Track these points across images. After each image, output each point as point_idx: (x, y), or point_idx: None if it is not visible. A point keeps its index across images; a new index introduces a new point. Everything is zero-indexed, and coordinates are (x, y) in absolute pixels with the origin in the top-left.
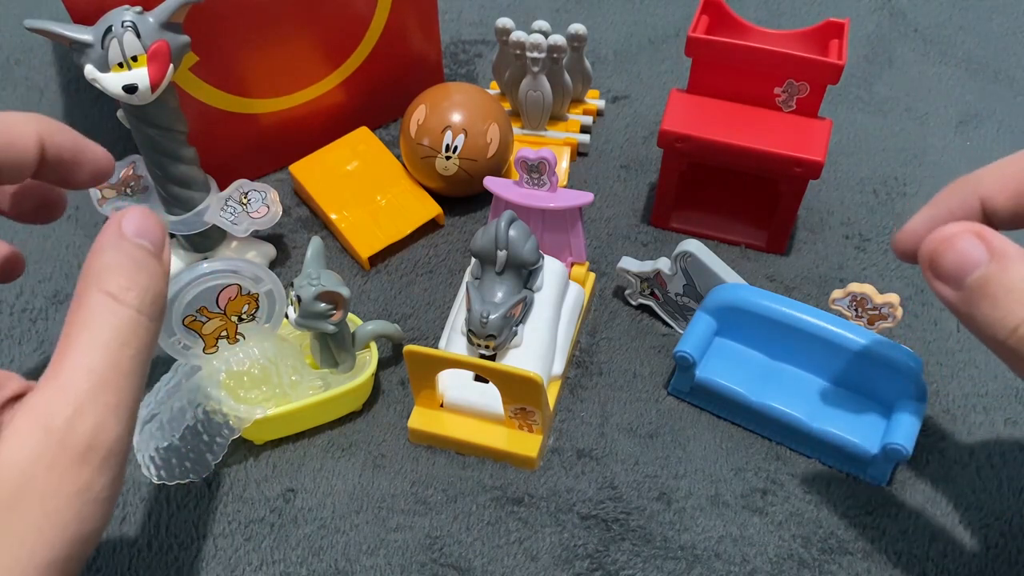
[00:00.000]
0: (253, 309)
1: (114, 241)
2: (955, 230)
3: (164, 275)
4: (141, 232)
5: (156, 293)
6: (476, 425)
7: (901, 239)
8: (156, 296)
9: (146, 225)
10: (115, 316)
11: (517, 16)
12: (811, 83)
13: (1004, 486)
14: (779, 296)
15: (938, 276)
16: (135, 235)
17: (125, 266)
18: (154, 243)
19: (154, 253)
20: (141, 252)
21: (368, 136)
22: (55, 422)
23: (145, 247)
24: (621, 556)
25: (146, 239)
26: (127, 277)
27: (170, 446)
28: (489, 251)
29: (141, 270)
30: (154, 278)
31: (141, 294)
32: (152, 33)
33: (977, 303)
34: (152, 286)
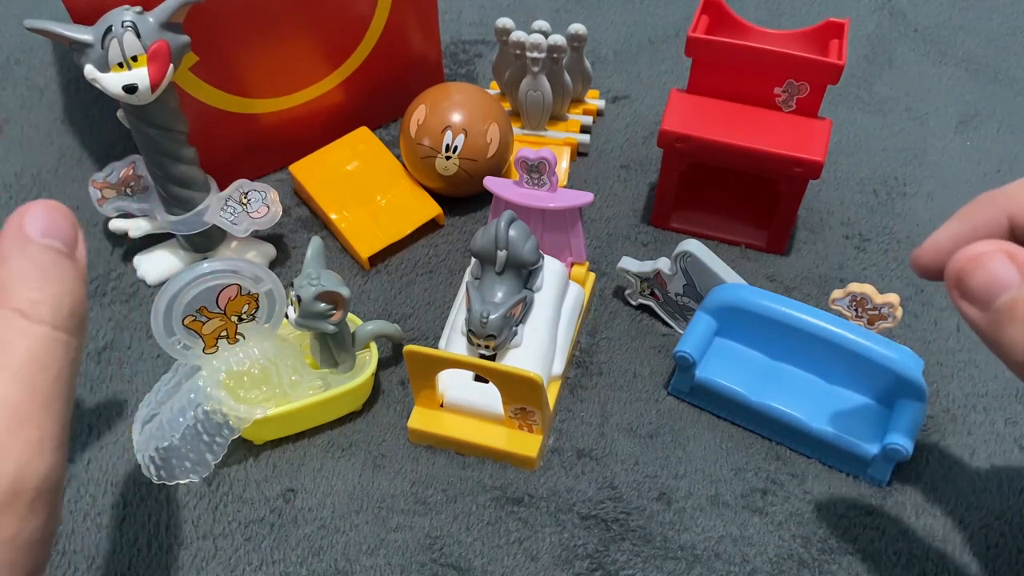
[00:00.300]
0: (253, 309)
1: (17, 246)
2: (985, 249)
3: (81, 278)
4: (48, 230)
5: (74, 302)
6: (476, 425)
7: (923, 255)
8: (74, 305)
9: (53, 220)
10: (27, 337)
11: (517, 16)
12: (811, 83)
13: (1004, 486)
14: (779, 296)
15: (965, 296)
16: (41, 235)
17: (32, 275)
18: (65, 241)
19: (66, 253)
20: (50, 255)
21: (368, 136)
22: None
23: (54, 248)
24: (621, 556)
25: (55, 238)
26: (36, 288)
27: (170, 446)
28: (489, 251)
29: (52, 277)
30: (68, 283)
31: (55, 306)
32: (152, 33)
33: (1005, 326)
34: (67, 294)
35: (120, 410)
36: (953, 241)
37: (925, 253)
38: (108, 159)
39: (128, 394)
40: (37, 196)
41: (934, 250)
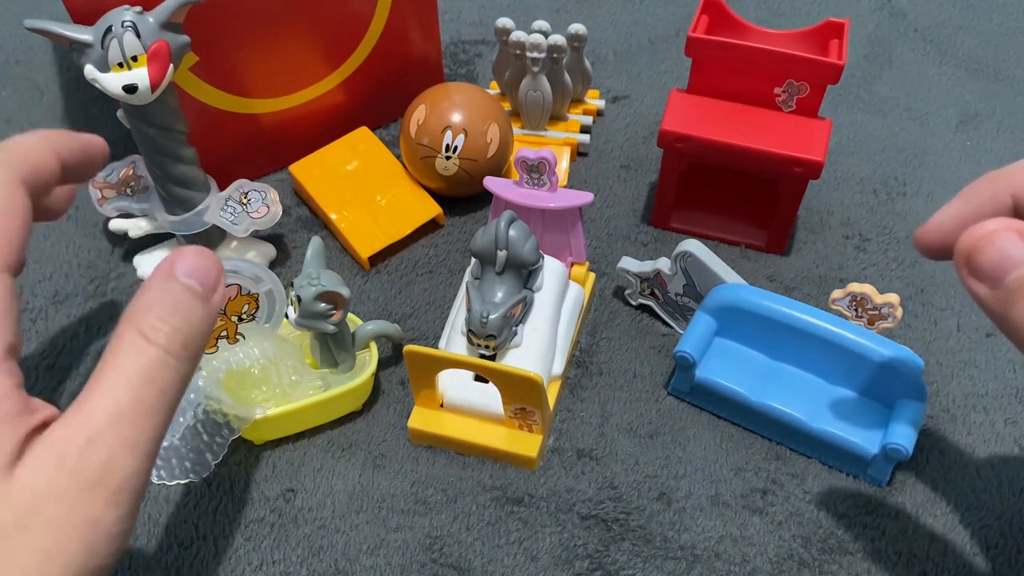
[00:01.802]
0: (253, 309)
1: (161, 281)
2: (995, 227)
3: (207, 317)
4: (192, 272)
5: (189, 335)
6: (476, 425)
7: (926, 234)
8: (189, 338)
9: (198, 265)
10: (141, 354)
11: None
12: (811, 83)
13: (1004, 486)
14: (779, 296)
15: (974, 273)
16: (185, 275)
17: (162, 306)
18: (204, 284)
19: (201, 295)
20: (185, 293)
21: (368, 136)
22: (69, 451)
23: (191, 288)
24: (621, 556)
25: (196, 279)
26: (160, 317)
27: (170, 446)
28: (489, 251)
29: (177, 311)
30: (191, 320)
31: (171, 334)
32: (152, 33)
33: (1014, 304)
34: (186, 327)
35: None
36: (957, 220)
37: (929, 232)
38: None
39: None
40: None
41: (938, 229)
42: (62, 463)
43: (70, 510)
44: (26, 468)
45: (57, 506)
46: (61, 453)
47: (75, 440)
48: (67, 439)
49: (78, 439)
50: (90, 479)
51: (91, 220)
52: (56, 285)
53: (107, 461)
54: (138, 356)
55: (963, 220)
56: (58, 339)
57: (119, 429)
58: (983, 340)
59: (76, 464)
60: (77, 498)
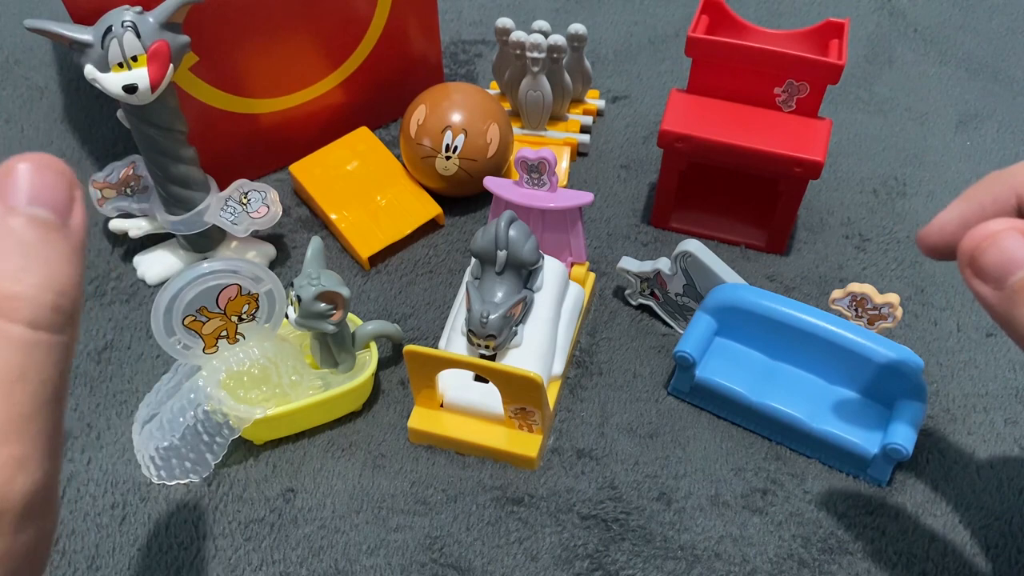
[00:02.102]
0: (253, 309)
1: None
2: (999, 227)
3: (72, 254)
4: (35, 196)
5: (59, 291)
6: (476, 425)
7: (929, 234)
8: (59, 296)
9: (41, 183)
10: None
11: (517, 16)
12: (811, 83)
13: (1004, 486)
14: (779, 296)
15: (978, 274)
16: (28, 202)
17: (9, 260)
18: (56, 207)
19: (55, 224)
20: (33, 230)
21: (368, 136)
22: None
23: (41, 219)
24: (621, 556)
25: (44, 205)
26: (13, 278)
27: (170, 446)
28: (489, 251)
29: (33, 262)
30: (54, 268)
31: (34, 300)
32: (152, 33)
33: (1018, 304)
34: (51, 282)
35: (120, 410)
36: (960, 221)
37: (932, 233)
38: (108, 159)
39: (128, 394)
40: None
41: (941, 230)
42: None
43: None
44: None
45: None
46: None
47: None
48: None
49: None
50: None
51: (91, 220)
52: None
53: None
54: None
55: (966, 220)
56: None
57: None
58: (983, 340)
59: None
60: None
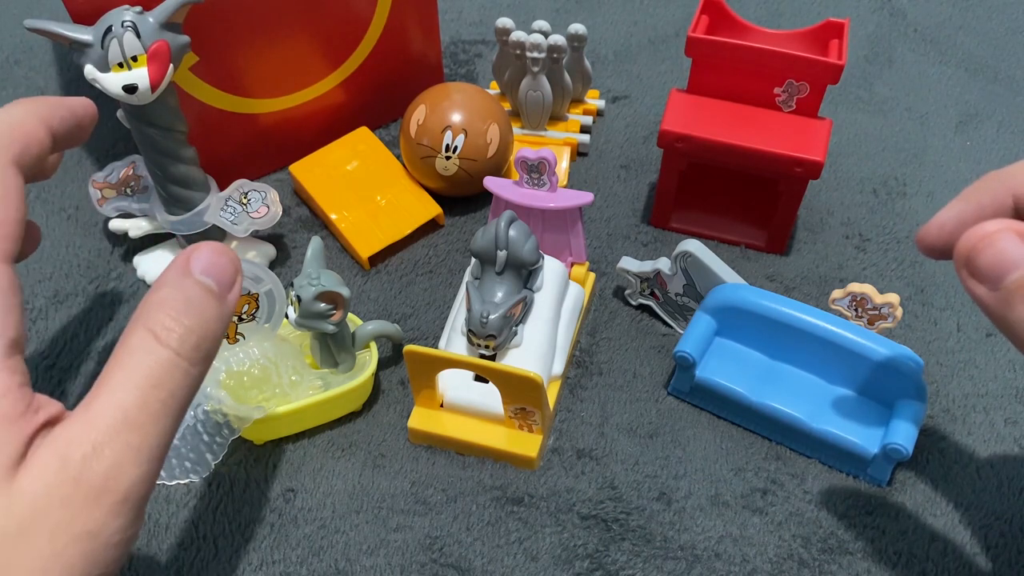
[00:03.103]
0: (253, 309)
1: (175, 277)
2: (995, 228)
3: (221, 318)
4: (208, 270)
5: (203, 336)
6: (476, 425)
7: (928, 234)
8: (202, 339)
9: (215, 262)
10: (151, 355)
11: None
12: (811, 83)
13: (1004, 486)
14: (779, 296)
15: (973, 274)
16: (201, 272)
17: (175, 304)
18: (220, 282)
19: (216, 294)
20: (199, 291)
21: (368, 136)
22: (73, 456)
23: (206, 286)
24: (621, 556)
25: (212, 277)
26: (173, 317)
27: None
28: (489, 251)
29: (191, 310)
30: (205, 320)
31: (184, 335)
32: (152, 33)
33: (1014, 305)
34: (200, 328)
35: None
36: (958, 220)
37: (930, 232)
38: (108, 159)
39: None
40: (37, 196)
41: (939, 230)
42: (65, 470)
43: (72, 519)
44: (29, 473)
45: (59, 514)
46: (64, 459)
47: (79, 446)
48: (71, 444)
49: (83, 445)
50: (94, 487)
51: (91, 220)
52: (56, 285)
53: (111, 469)
54: (147, 357)
55: (964, 220)
56: (58, 339)
57: (125, 436)
58: (983, 340)
59: (80, 471)
60: (80, 507)
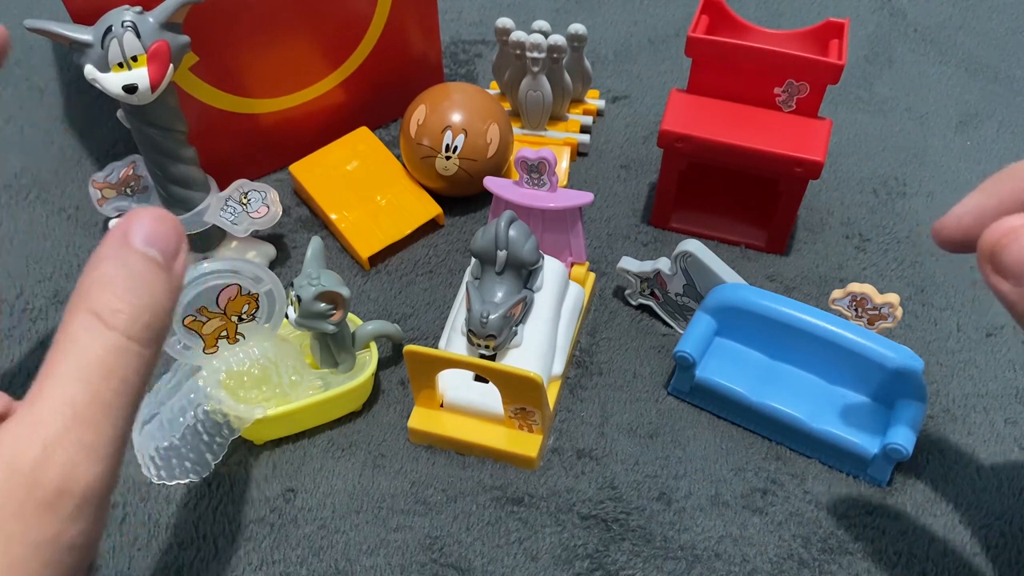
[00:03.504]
0: (253, 309)
1: (115, 250)
2: (1020, 222)
3: (170, 291)
4: (151, 239)
5: (154, 314)
6: (476, 425)
7: (945, 226)
8: (153, 317)
9: (158, 230)
10: (98, 341)
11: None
12: (811, 83)
13: (1004, 486)
14: (779, 296)
15: (998, 270)
16: (143, 243)
17: (119, 281)
18: (165, 252)
19: (162, 264)
20: (144, 264)
21: (368, 136)
22: (22, 462)
23: (151, 257)
24: (621, 556)
25: (155, 247)
26: (119, 295)
27: (170, 446)
28: (489, 251)
29: (138, 286)
30: (155, 296)
31: (133, 315)
32: (152, 33)
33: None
34: (150, 305)
35: None
36: (977, 213)
37: (948, 225)
38: (108, 159)
39: None
40: (37, 196)
41: (957, 222)
42: (15, 477)
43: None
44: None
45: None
46: (12, 466)
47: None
48: (19, 447)
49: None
50: (48, 494)
51: (91, 220)
52: (56, 285)
53: (65, 471)
54: (94, 343)
55: (983, 214)
56: None
57: (76, 433)
58: (983, 340)
59: (31, 477)
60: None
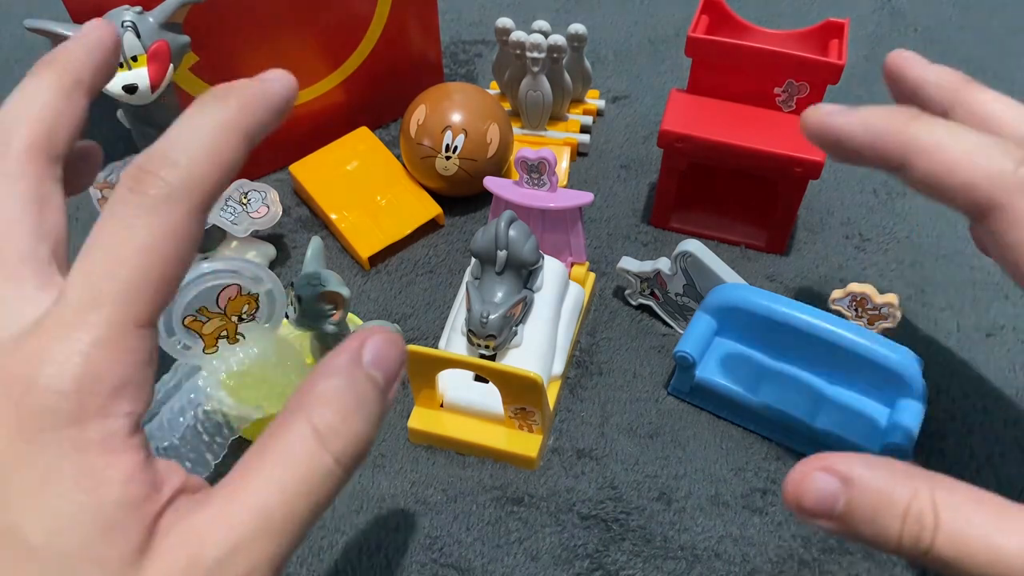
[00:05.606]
0: (253, 309)
1: (348, 367)
2: (810, 467)
3: (382, 418)
4: (377, 361)
5: (364, 442)
6: (476, 425)
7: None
8: (362, 446)
9: (385, 355)
10: (312, 460)
11: (517, 16)
12: (811, 83)
13: (1004, 486)
14: (779, 296)
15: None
16: (371, 364)
17: (345, 404)
18: (387, 377)
19: (382, 390)
20: (369, 389)
21: (368, 136)
22: (206, 555)
23: (376, 381)
24: (621, 556)
25: (380, 371)
26: (342, 419)
27: (170, 446)
28: (489, 251)
29: (360, 413)
30: (369, 425)
31: (349, 442)
32: (152, 33)
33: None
34: (364, 433)
35: None
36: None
37: (827, 122)
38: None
39: None
40: None
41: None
42: (195, 568)
43: None
44: (154, 566)
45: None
46: (195, 559)
47: (215, 547)
48: (205, 543)
49: (218, 547)
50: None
51: (91, 220)
52: None
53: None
54: (305, 459)
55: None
56: None
57: (263, 543)
58: (983, 340)
59: (209, 573)
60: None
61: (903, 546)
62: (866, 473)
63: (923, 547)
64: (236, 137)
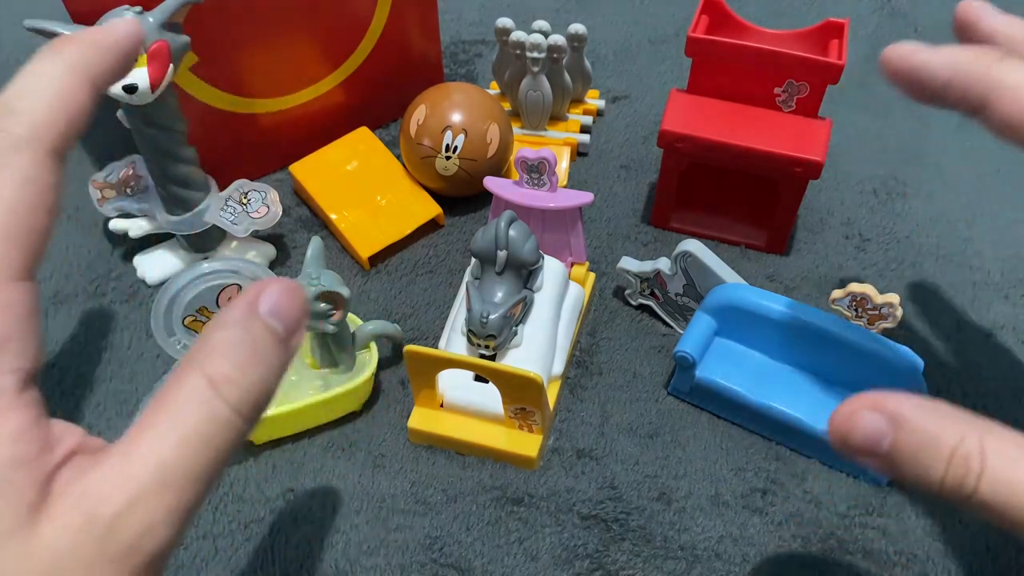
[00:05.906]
0: None
1: (243, 317)
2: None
3: (282, 368)
4: (276, 310)
5: (264, 391)
6: (476, 425)
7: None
8: (262, 395)
9: (285, 303)
10: (205, 408)
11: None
12: (811, 83)
13: None
14: (779, 296)
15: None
16: (269, 312)
17: (240, 352)
18: (287, 326)
19: (282, 338)
20: (267, 337)
21: (368, 136)
22: (103, 511)
23: (274, 330)
24: (621, 556)
25: (280, 320)
26: (236, 365)
27: None
28: (489, 251)
29: (258, 361)
30: (270, 372)
31: (245, 389)
32: (152, 33)
33: None
34: (263, 382)
35: (120, 410)
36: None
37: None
38: (108, 159)
39: (128, 394)
40: None
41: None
42: (92, 528)
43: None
44: (52, 524)
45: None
46: (92, 516)
47: (111, 503)
48: (103, 495)
49: (116, 500)
50: (120, 550)
51: (91, 220)
52: (56, 285)
53: (142, 531)
54: (201, 410)
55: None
56: (58, 339)
57: (162, 496)
58: (983, 340)
59: (108, 530)
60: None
61: (946, 488)
62: (915, 413)
63: (967, 491)
64: (77, 80)
